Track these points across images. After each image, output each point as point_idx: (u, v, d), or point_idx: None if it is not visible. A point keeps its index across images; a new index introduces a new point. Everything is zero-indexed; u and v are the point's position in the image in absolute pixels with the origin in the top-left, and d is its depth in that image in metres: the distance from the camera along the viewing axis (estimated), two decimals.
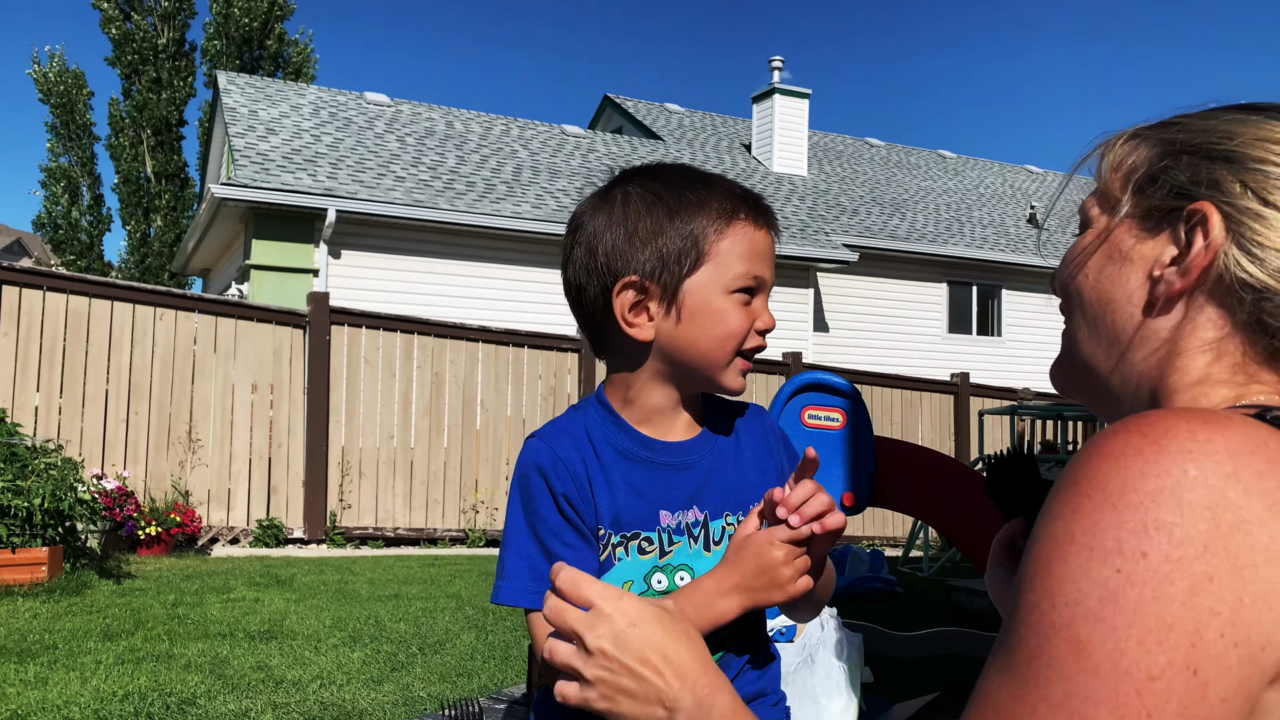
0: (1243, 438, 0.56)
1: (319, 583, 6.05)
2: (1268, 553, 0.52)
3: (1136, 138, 0.78)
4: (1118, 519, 0.54)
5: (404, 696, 3.52)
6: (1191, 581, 0.51)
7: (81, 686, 3.45)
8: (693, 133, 17.89)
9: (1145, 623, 0.51)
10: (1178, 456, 0.55)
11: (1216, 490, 0.53)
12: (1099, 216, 0.79)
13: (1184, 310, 0.72)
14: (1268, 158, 0.70)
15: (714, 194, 1.07)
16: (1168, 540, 0.52)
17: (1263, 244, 0.69)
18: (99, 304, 7.58)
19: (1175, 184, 0.73)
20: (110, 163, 22.94)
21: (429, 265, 11.70)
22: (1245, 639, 0.51)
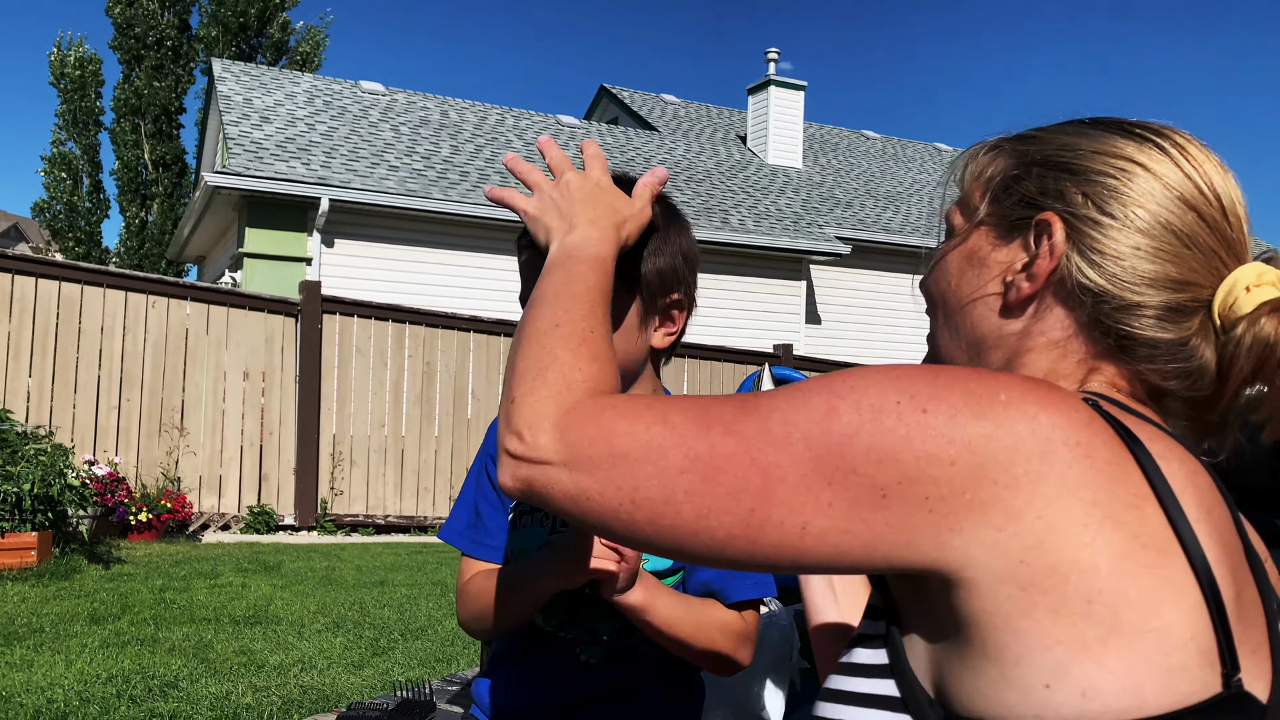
0: (1060, 399, 0.63)
1: (306, 569, 6.11)
2: (1016, 481, 0.59)
3: (997, 149, 0.83)
4: (932, 382, 0.63)
5: (383, 681, 3.58)
6: (938, 453, 0.60)
7: (66, 669, 3.51)
8: (688, 124, 17.90)
9: (882, 442, 0.61)
10: (1002, 386, 0.63)
11: (1010, 420, 0.61)
12: (961, 224, 0.84)
13: (1034, 312, 0.77)
14: (1106, 170, 0.76)
15: None
16: (947, 419, 0.61)
17: (1100, 250, 0.74)
18: (91, 291, 7.63)
19: (1026, 194, 0.78)
20: (111, 149, 22.87)
21: (422, 255, 11.73)
22: (943, 513, 0.60)
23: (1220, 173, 0.77)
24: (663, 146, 16.05)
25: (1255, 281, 0.72)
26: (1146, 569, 0.59)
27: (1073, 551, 0.58)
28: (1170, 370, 0.74)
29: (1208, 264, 0.74)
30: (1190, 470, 0.65)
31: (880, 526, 0.61)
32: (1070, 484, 0.59)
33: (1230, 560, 0.63)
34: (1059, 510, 0.59)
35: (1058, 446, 0.60)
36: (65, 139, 22.84)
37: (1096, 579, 0.58)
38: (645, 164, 15.05)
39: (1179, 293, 0.74)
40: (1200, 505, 0.63)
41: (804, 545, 0.62)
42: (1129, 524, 0.59)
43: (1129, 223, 0.74)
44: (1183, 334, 0.74)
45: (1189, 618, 0.59)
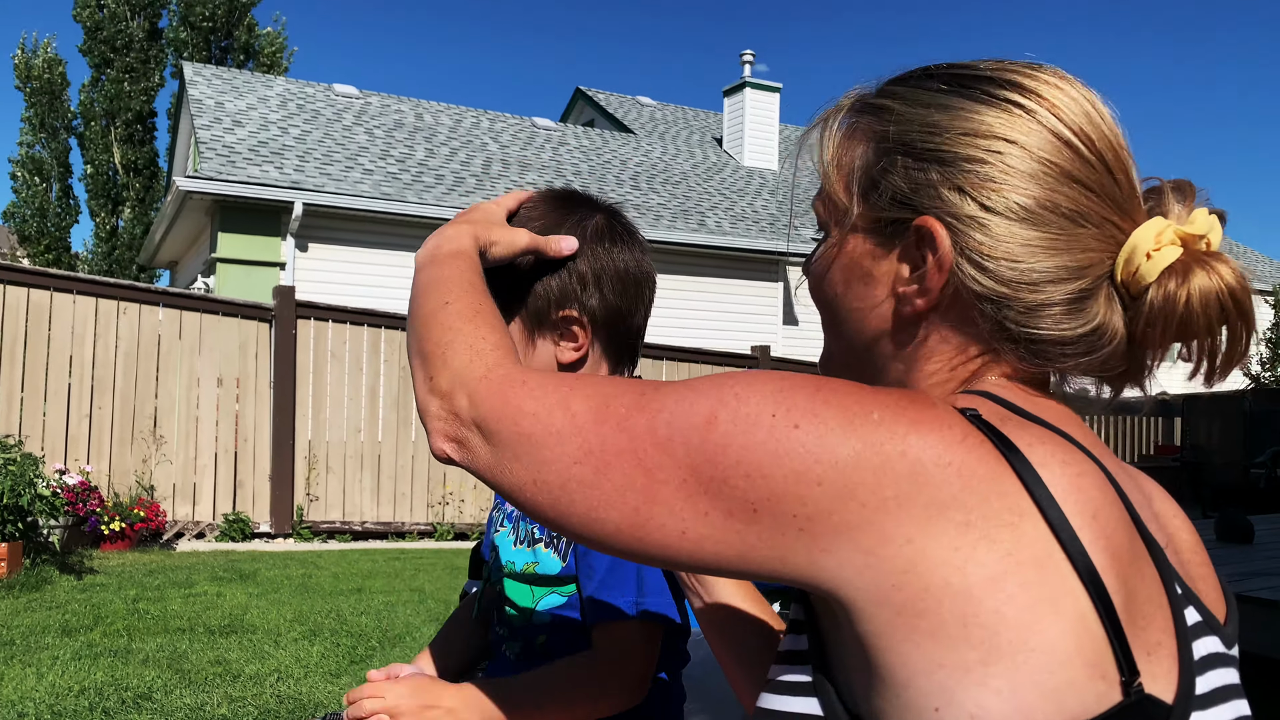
0: (933, 418, 0.61)
1: (283, 577, 6.05)
2: (884, 503, 0.58)
3: (853, 128, 0.77)
4: (810, 397, 0.62)
5: None
6: (805, 472, 0.59)
7: (37, 682, 3.46)
8: (664, 126, 17.92)
9: (752, 457, 0.60)
10: (877, 405, 0.61)
11: (880, 439, 0.60)
12: (830, 222, 0.79)
13: (931, 324, 0.73)
14: (978, 156, 0.70)
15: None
16: (818, 437, 0.60)
17: (990, 254, 0.69)
18: (61, 297, 7.53)
19: (897, 192, 0.72)
20: (80, 154, 22.55)
21: (397, 259, 11.67)
22: (812, 533, 0.59)
23: (1092, 117, 0.71)
24: (639, 149, 16.05)
25: (1154, 245, 0.68)
26: (1022, 586, 0.57)
27: (944, 575, 0.57)
28: (1084, 363, 0.71)
29: (1102, 235, 0.69)
30: (1075, 473, 0.62)
31: (753, 540, 0.60)
32: (941, 505, 0.58)
33: (1120, 562, 0.61)
34: (930, 534, 0.57)
35: (928, 467, 0.59)
36: (33, 143, 22.54)
37: (970, 602, 0.57)
38: (621, 166, 15.06)
39: (1079, 279, 0.69)
40: (1084, 510, 0.61)
41: (684, 548, 0.62)
42: (1003, 541, 0.58)
43: (1013, 214, 0.69)
44: (1089, 321, 0.70)
45: (1072, 631, 0.57)
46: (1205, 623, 0.67)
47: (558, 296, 1.11)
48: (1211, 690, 0.64)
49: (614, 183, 14.34)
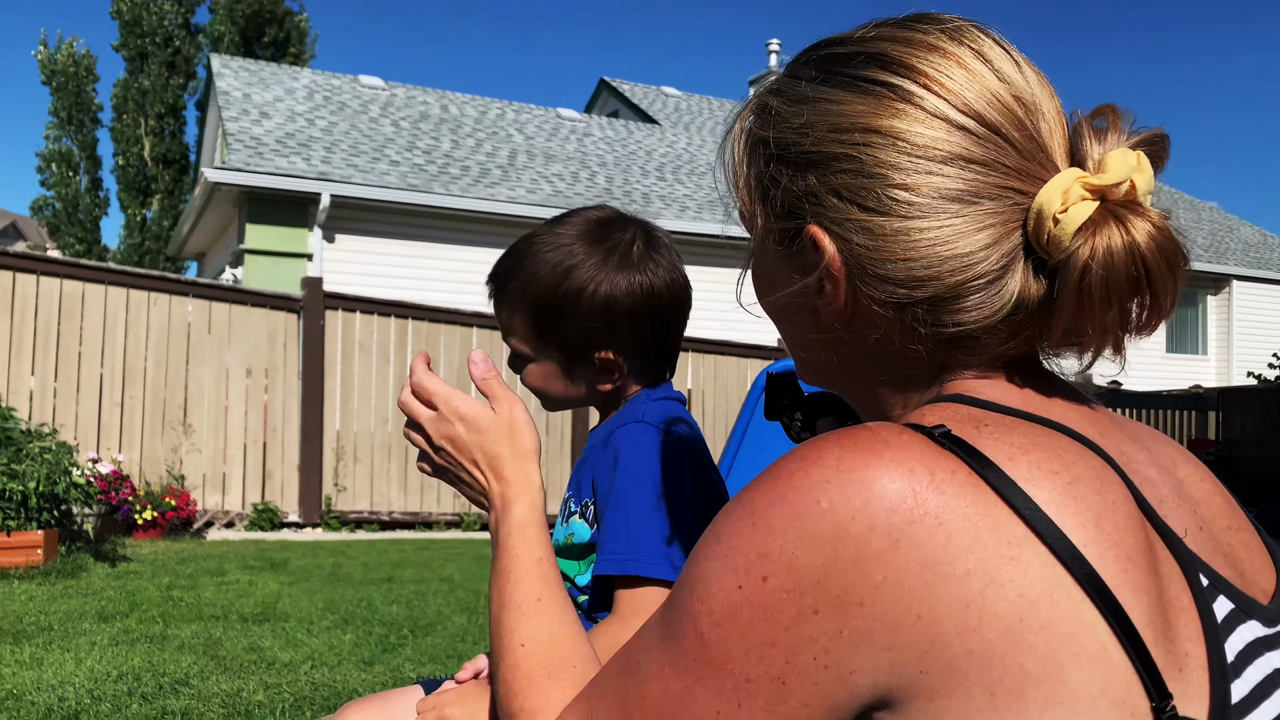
0: (887, 466, 0.55)
1: (313, 566, 6.10)
2: (878, 590, 0.54)
3: (748, 136, 0.73)
4: (752, 537, 0.57)
5: (394, 677, 3.57)
6: (798, 611, 0.55)
7: (76, 667, 3.49)
8: (689, 116, 17.86)
9: (752, 637, 0.56)
10: (816, 486, 0.56)
11: (842, 525, 0.54)
12: (748, 228, 0.75)
13: (853, 332, 0.68)
14: (847, 153, 0.65)
15: None
16: (786, 570, 0.55)
17: (877, 258, 0.64)
18: (93, 288, 7.60)
19: (785, 202, 0.68)
20: (110, 146, 22.87)
21: (424, 250, 11.71)
22: (836, 663, 0.55)
23: (978, 77, 0.64)
24: (664, 139, 16.01)
25: (1061, 206, 0.61)
26: (1039, 631, 0.53)
27: (964, 642, 0.53)
28: (1014, 345, 0.65)
29: (1003, 208, 0.62)
30: (1066, 482, 0.57)
31: (801, 712, 0.56)
32: (934, 564, 0.53)
33: (1136, 569, 0.56)
34: (934, 600, 0.53)
35: (904, 529, 0.54)
36: (60, 136, 22.80)
37: (992, 665, 0.53)
38: (646, 157, 15.03)
39: (984, 261, 0.62)
40: (1087, 520, 0.56)
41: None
42: (1011, 582, 0.53)
43: (895, 211, 0.63)
44: (1008, 301, 0.63)
45: (1094, 670, 0.53)
46: (1239, 609, 0.61)
47: (595, 338, 1.16)
48: (1254, 688, 0.59)
49: (639, 174, 14.31)
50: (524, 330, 1.17)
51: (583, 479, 1.18)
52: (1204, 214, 21.01)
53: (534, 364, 1.19)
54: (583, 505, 1.17)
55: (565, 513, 1.23)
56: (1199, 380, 16.51)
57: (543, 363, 1.19)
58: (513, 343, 1.21)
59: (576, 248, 1.16)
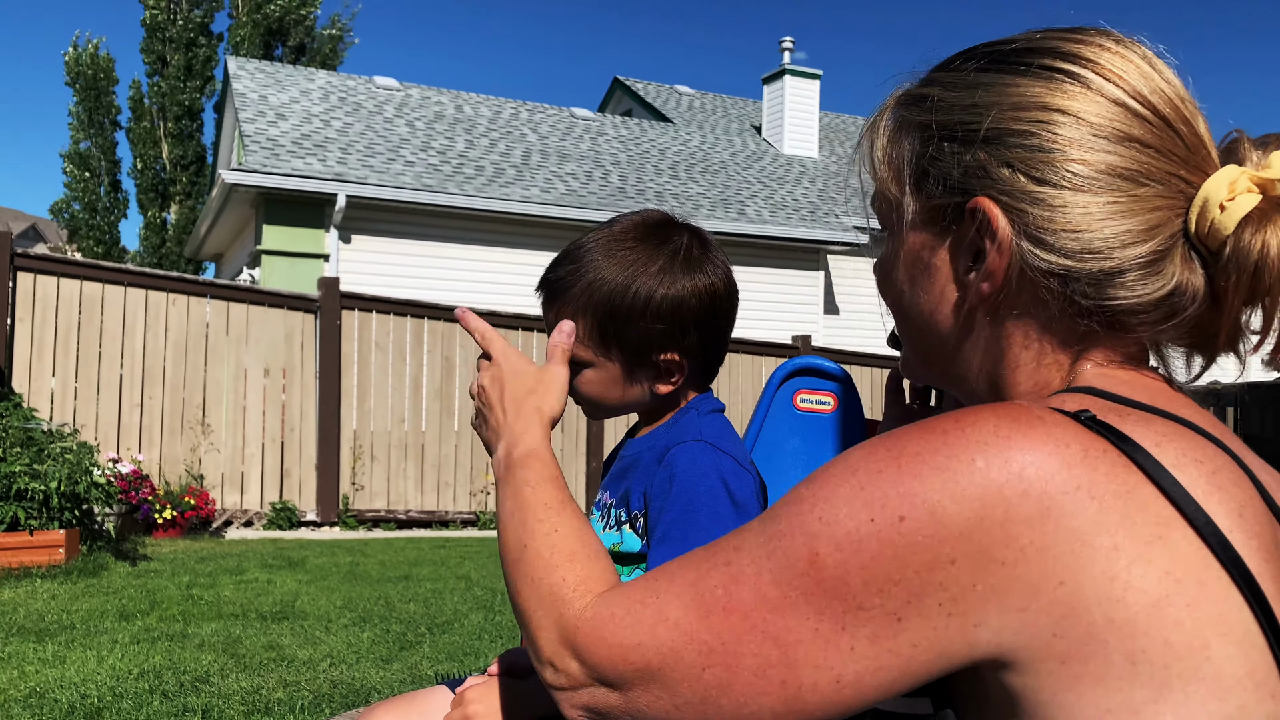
0: (1044, 438, 0.57)
1: (331, 564, 6.13)
2: (1023, 552, 0.55)
3: (899, 123, 0.75)
4: (896, 477, 0.58)
5: (412, 675, 3.59)
6: (934, 557, 0.56)
7: (98, 665, 3.53)
8: (702, 115, 17.85)
9: (875, 570, 0.57)
10: (972, 445, 0.57)
11: (995, 485, 0.56)
12: (889, 220, 0.77)
13: (1001, 311, 0.70)
14: (1024, 129, 0.67)
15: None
16: (927, 516, 0.56)
17: (1050, 227, 0.66)
18: (112, 290, 7.67)
19: (947, 179, 0.70)
20: (129, 149, 23.07)
21: (439, 250, 11.74)
22: (962, 613, 0.55)
23: (1147, 75, 0.67)
24: (677, 138, 16.01)
25: (1228, 195, 0.63)
26: (1187, 608, 0.54)
27: (1105, 611, 0.54)
28: (1166, 329, 0.67)
29: (1169, 191, 0.65)
30: (1210, 470, 0.58)
31: (908, 650, 0.57)
32: (1083, 535, 0.54)
33: (1275, 561, 0.57)
34: (1079, 569, 0.54)
35: (1056, 498, 0.55)
36: (81, 138, 23.01)
37: (1135, 636, 0.54)
38: (660, 156, 15.03)
39: (1149, 241, 0.65)
40: (1231, 509, 0.57)
41: (845, 696, 0.58)
42: (1158, 560, 0.54)
43: (1069, 183, 0.65)
44: (1167, 283, 0.65)
45: (1239, 650, 0.54)
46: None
47: (660, 339, 1.14)
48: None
49: (653, 172, 14.31)
50: (586, 334, 1.14)
51: (632, 490, 1.16)
52: None
53: (591, 370, 1.15)
54: (632, 517, 1.15)
55: (609, 519, 1.21)
56: (1217, 376, 16.37)
57: (602, 368, 1.15)
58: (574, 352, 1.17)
59: (640, 250, 1.15)
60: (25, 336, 7.32)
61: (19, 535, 5.29)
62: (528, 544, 0.79)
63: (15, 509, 5.29)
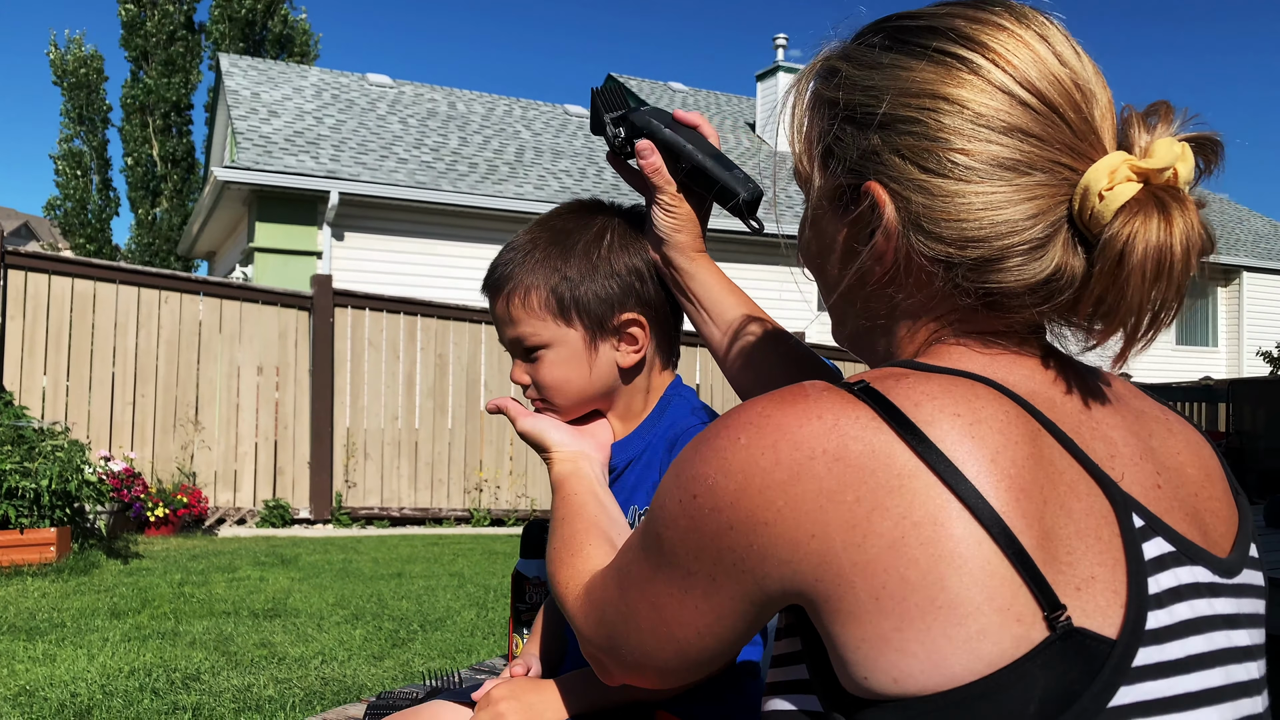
0: (800, 412, 0.64)
1: (323, 562, 6.13)
2: (780, 513, 0.63)
3: (814, 99, 0.77)
4: (693, 461, 0.68)
5: (404, 672, 3.59)
6: (718, 525, 0.66)
7: (89, 663, 3.52)
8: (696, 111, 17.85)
9: (689, 542, 0.68)
10: (740, 427, 0.66)
11: (753, 458, 0.64)
12: (805, 190, 0.80)
13: (899, 290, 0.73)
14: (913, 116, 0.69)
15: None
16: (708, 492, 0.66)
17: (931, 216, 0.68)
18: (104, 287, 7.64)
19: (846, 160, 0.73)
20: (120, 146, 22.95)
21: (432, 247, 11.73)
22: (750, 570, 0.65)
23: (1041, 59, 0.68)
24: None
25: (1107, 184, 0.65)
26: (921, 546, 0.59)
27: (850, 556, 0.60)
28: (1045, 309, 0.69)
29: (1054, 180, 0.67)
30: (967, 423, 0.62)
31: (730, 603, 0.68)
32: (829, 494, 0.61)
33: (1031, 499, 0.60)
34: (825, 522, 0.61)
35: (806, 462, 0.62)
36: (71, 136, 22.93)
37: (875, 575, 0.60)
38: None
39: (1031, 229, 0.66)
40: (980, 455, 0.61)
41: (710, 643, 0.71)
42: (895, 507, 0.60)
43: (952, 174, 0.67)
44: (1046, 267, 0.67)
45: (977, 580, 0.58)
46: (1182, 553, 0.65)
47: (619, 296, 1.12)
48: (1180, 622, 0.63)
49: None
50: (543, 304, 1.11)
51: (638, 487, 1.14)
52: (1214, 205, 20.89)
53: (551, 350, 1.12)
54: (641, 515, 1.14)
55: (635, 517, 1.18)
56: (1209, 372, 16.44)
57: (563, 343, 1.11)
58: (524, 333, 1.12)
59: (577, 216, 1.16)
60: (17, 334, 7.30)
61: (10, 533, 5.28)
62: (558, 548, 0.97)
63: (6, 507, 5.28)
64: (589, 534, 0.95)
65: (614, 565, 0.79)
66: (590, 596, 0.83)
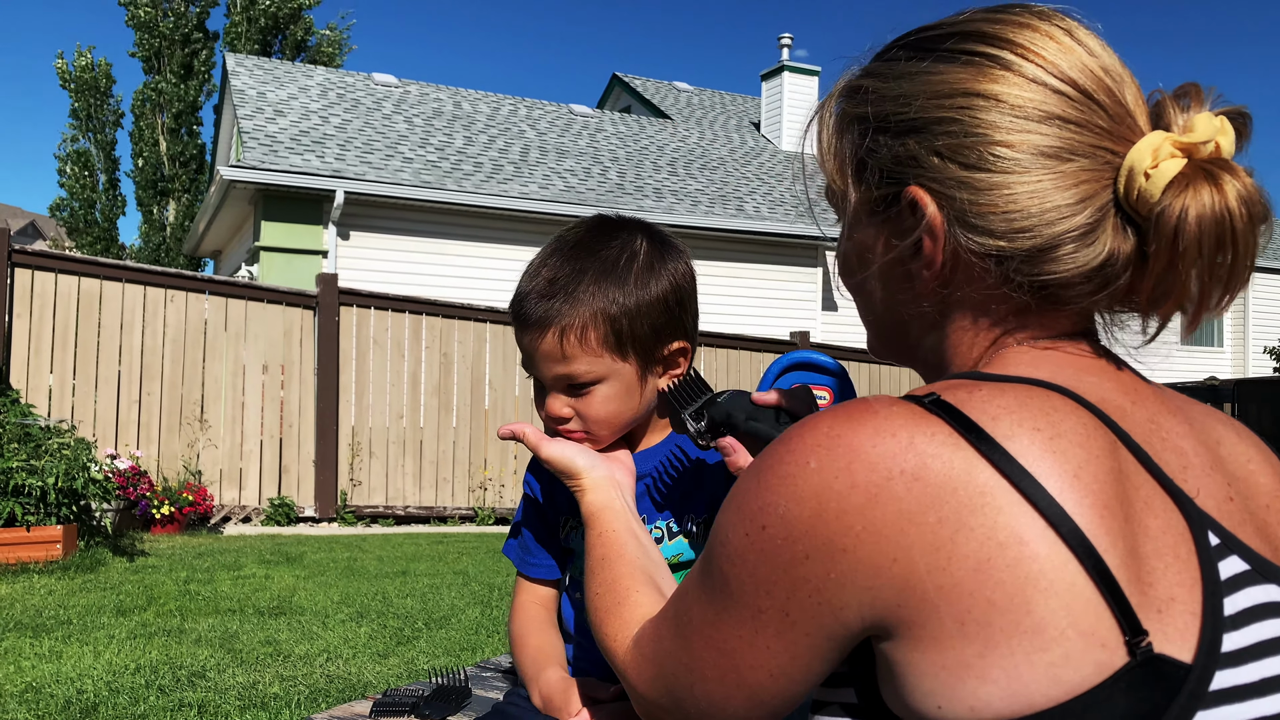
0: (872, 431, 0.61)
1: (328, 560, 6.14)
2: (859, 538, 0.60)
3: (841, 118, 0.78)
4: (757, 492, 0.65)
5: (408, 670, 3.59)
6: (792, 556, 0.63)
7: (95, 660, 3.53)
8: (701, 111, 17.84)
9: (759, 576, 0.65)
10: (807, 449, 0.63)
11: (826, 482, 0.61)
12: (841, 210, 0.80)
13: (950, 295, 0.72)
14: (948, 116, 0.69)
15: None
16: (779, 521, 0.63)
17: (979, 210, 0.68)
18: (110, 286, 7.66)
19: (883, 170, 0.73)
20: (128, 147, 23.06)
21: (437, 246, 11.74)
22: (827, 600, 0.62)
23: (1068, 50, 0.68)
24: (676, 134, 16.00)
25: (1152, 162, 0.65)
26: (1008, 568, 0.57)
27: (935, 580, 0.58)
28: (1101, 298, 0.69)
29: (1095, 164, 0.67)
30: (1047, 438, 0.61)
31: (805, 639, 0.64)
32: (910, 515, 0.59)
33: (1114, 517, 0.59)
34: (907, 545, 0.59)
35: (884, 483, 0.60)
36: (78, 136, 23.00)
37: (960, 599, 0.58)
38: (659, 152, 15.02)
39: (1079, 214, 0.66)
40: (1063, 472, 0.59)
41: (783, 686, 0.66)
42: (980, 527, 0.58)
43: (995, 167, 0.67)
44: (1100, 252, 0.67)
45: (1063, 603, 0.57)
46: (1256, 571, 0.63)
47: (668, 326, 1.10)
48: (1258, 643, 0.61)
49: (651, 169, 14.31)
50: (599, 342, 1.07)
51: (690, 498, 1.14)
52: None
53: (605, 384, 1.09)
54: (686, 527, 1.15)
55: (667, 531, 1.18)
56: (1214, 373, 16.39)
57: (617, 376, 1.09)
58: (577, 370, 1.08)
59: (610, 237, 1.12)
60: (23, 332, 7.32)
61: (16, 531, 5.30)
62: (600, 594, 0.93)
63: (12, 505, 5.29)
64: (634, 579, 0.91)
65: (669, 612, 0.75)
66: (643, 649, 0.77)
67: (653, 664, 0.75)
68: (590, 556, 0.97)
